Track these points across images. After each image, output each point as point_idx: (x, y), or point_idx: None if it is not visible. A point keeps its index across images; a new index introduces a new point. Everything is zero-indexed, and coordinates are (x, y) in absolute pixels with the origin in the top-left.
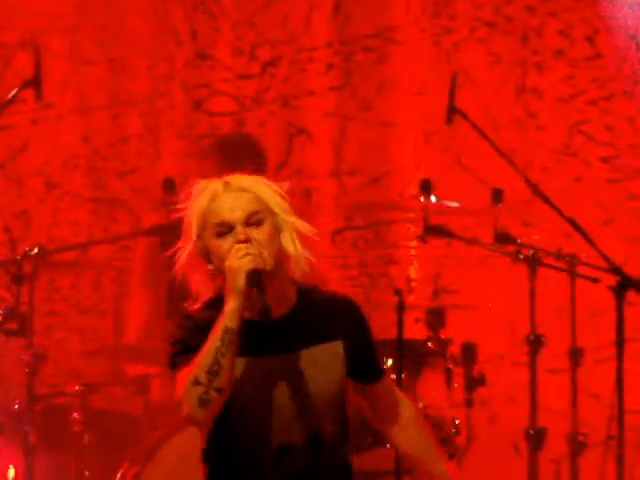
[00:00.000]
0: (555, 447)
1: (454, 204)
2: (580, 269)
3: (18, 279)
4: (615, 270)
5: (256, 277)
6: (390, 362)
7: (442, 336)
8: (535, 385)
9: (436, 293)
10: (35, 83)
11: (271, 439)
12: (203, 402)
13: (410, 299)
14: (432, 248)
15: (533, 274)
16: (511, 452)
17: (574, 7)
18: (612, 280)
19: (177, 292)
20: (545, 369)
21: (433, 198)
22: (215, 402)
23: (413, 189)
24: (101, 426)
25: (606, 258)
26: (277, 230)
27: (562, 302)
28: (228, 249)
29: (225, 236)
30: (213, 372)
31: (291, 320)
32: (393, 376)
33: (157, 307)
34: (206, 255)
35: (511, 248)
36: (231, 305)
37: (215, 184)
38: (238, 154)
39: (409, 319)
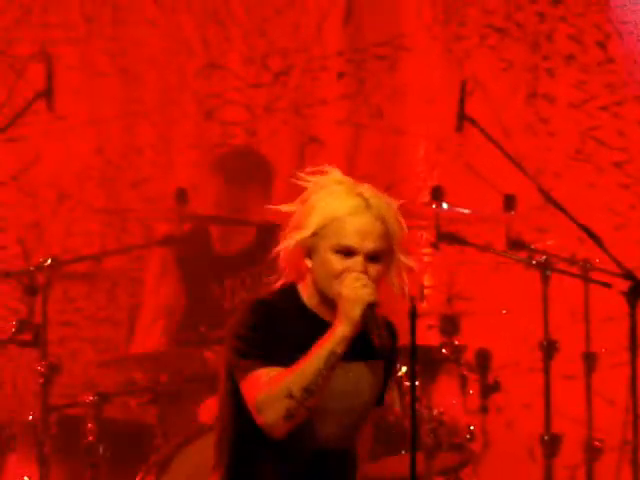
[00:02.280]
0: (570, 453)
1: (466, 211)
2: (593, 274)
3: (32, 290)
4: (628, 275)
5: (371, 310)
6: (404, 369)
7: (456, 342)
8: (550, 391)
9: (449, 300)
10: (47, 94)
11: (309, 441)
12: (290, 416)
13: (423, 306)
14: (445, 255)
15: (546, 280)
16: (526, 458)
17: (585, 12)
18: (625, 285)
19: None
20: (560, 375)
21: (445, 205)
22: (299, 419)
23: (425, 196)
24: (115, 436)
25: (619, 263)
26: (387, 266)
27: (576, 307)
28: (341, 270)
29: (343, 256)
30: (309, 391)
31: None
32: (407, 383)
33: (168, 315)
34: (309, 250)
35: (524, 254)
36: (343, 332)
37: (356, 199)
38: (244, 171)
39: (422, 326)
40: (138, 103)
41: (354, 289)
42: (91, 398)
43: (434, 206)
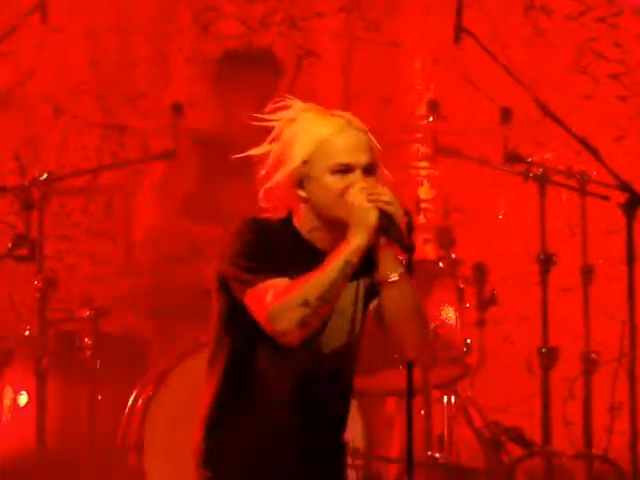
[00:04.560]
0: (568, 366)
1: (463, 124)
2: (590, 187)
3: (28, 205)
4: (625, 187)
5: (386, 217)
6: None
7: (453, 256)
8: (547, 304)
9: (446, 213)
10: (42, 7)
11: (297, 364)
12: (304, 324)
13: (420, 220)
14: (442, 168)
15: (543, 192)
16: (524, 371)
17: None
18: (622, 197)
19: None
20: (557, 288)
21: (442, 118)
22: (312, 328)
23: (422, 109)
24: (112, 351)
25: (616, 175)
26: (377, 180)
27: (573, 220)
28: (343, 188)
29: (342, 175)
30: (324, 299)
31: None
32: None
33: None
34: (300, 181)
35: (521, 167)
36: (358, 241)
37: (335, 118)
38: (254, 71)
39: (419, 240)
40: (133, 16)
41: (364, 198)
42: (88, 313)
43: (431, 119)
